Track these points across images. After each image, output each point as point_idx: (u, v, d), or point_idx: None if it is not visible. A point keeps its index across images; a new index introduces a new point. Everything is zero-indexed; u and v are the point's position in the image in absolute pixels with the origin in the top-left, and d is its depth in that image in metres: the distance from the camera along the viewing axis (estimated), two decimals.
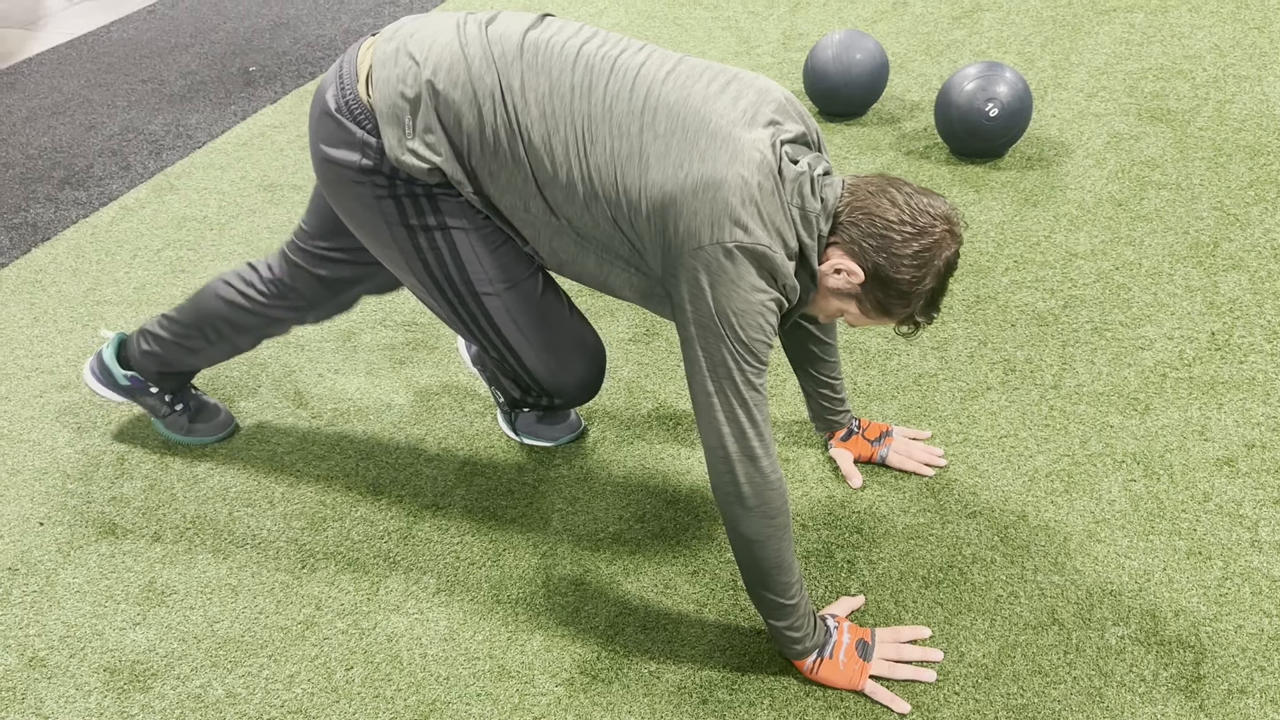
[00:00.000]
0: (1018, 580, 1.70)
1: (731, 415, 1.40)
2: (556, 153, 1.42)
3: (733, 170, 1.35)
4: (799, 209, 1.39)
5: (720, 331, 1.37)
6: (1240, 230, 2.47)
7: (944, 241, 1.40)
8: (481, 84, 1.43)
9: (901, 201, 1.40)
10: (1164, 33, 3.39)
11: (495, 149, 1.45)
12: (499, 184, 1.48)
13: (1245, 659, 1.56)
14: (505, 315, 1.62)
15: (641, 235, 1.42)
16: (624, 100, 1.41)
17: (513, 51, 1.44)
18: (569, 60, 1.44)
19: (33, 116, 3.50)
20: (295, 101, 3.49)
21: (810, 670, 1.55)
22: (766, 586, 1.48)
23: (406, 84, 1.45)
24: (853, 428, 1.93)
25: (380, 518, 1.90)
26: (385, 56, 1.48)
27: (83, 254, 2.73)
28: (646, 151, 1.39)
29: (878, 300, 1.44)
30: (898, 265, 1.40)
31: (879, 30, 3.61)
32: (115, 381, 2.03)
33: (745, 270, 1.35)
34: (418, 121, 1.45)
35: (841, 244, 1.42)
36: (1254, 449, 1.90)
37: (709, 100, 1.41)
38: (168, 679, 1.64)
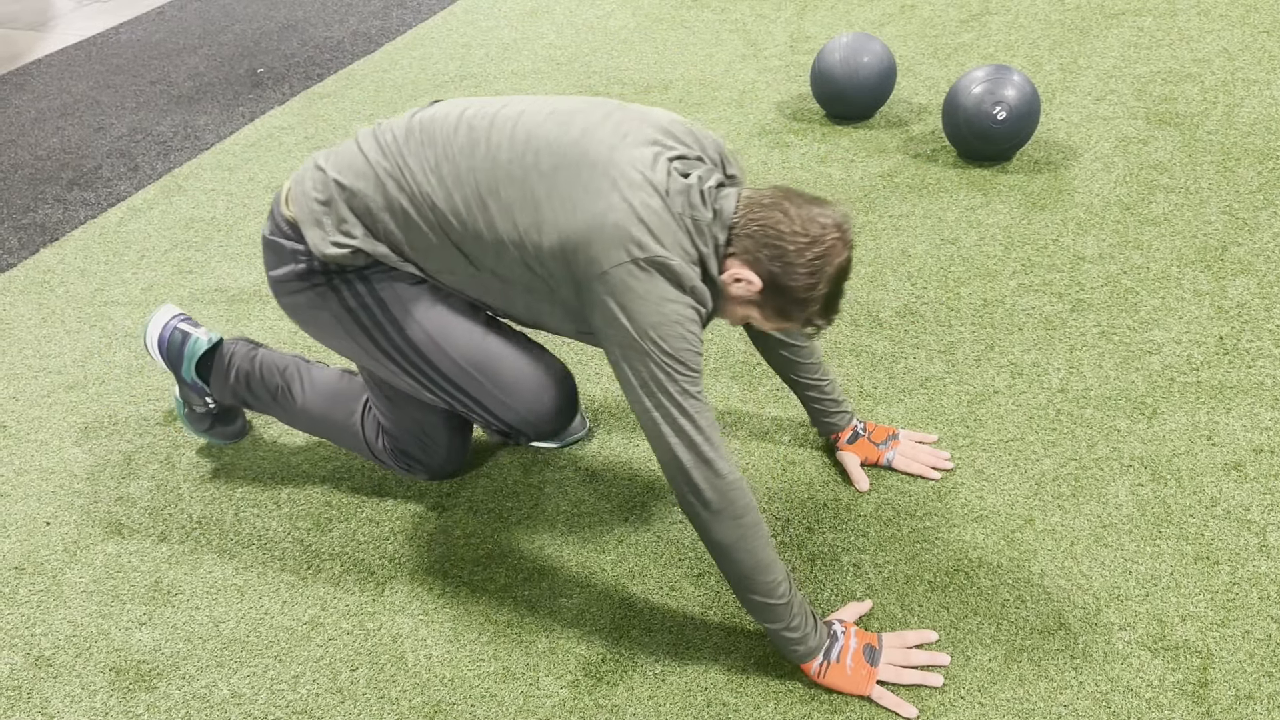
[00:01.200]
0: (1024, 584, 1.69)
1: (676, 427, 1.44)
2: (461, 213, 1.53)
3: (617, 194, 1.43)
4: (691, 219, 1.46)
5: (644, 348, 1.43)
6: (1249, 235, 2.46)
7: (835, 248, 1.46)
8: (380, 169, 1.58)
9: (794, 212, 1.47)
10: (1172, 36, 3.39)
11: (407, 222, 1.57)
12: (419, 251, 1.60)
13: (1253, 664, 1.55)
14: (457, 369, 1.68)
15: (552, 273, 1.50)
16: (506, 149, 1.51)
17: (401, 136, 1.60)
18: (451, 128, 1.57)
19: (41, 118, 3.52)
20: (303, 104, 3.50)
21: (817, 674, 1.55)
22: (753, 589, 1.49)
23: (317, 190, 1.61)
24: (858, 430, 1.93)
25: (386, 519, 1.90)
26: (298, 176, 1.66)
27: (91, 255, 2.74)
28: (535, 193, 1.48)
29: (777, 306, 1.51)
30: (792, 273, 1.46)
31: (886, 33, 3.60)
32: (176, 368, 1.99)
33: (651, 284, 1.42)
34: (333, 217, 1.60)
35: (739, 254, 1.49)
36: (1262, 454, 1.89)
37: (589, 131, 1.50)
38: (173, 679, 1.65)
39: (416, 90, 3.52)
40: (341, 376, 1.94)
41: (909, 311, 2.31)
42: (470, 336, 1.67)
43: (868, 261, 2.48)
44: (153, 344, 2.01)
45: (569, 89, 3.44)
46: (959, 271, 2.43)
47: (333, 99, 3.51)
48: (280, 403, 1.93)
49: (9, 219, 2.92)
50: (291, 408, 1.93)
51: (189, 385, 2.00)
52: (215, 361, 1.97)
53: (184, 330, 1.99)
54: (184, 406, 2.05)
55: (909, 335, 2.24)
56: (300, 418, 1.94)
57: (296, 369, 1.94)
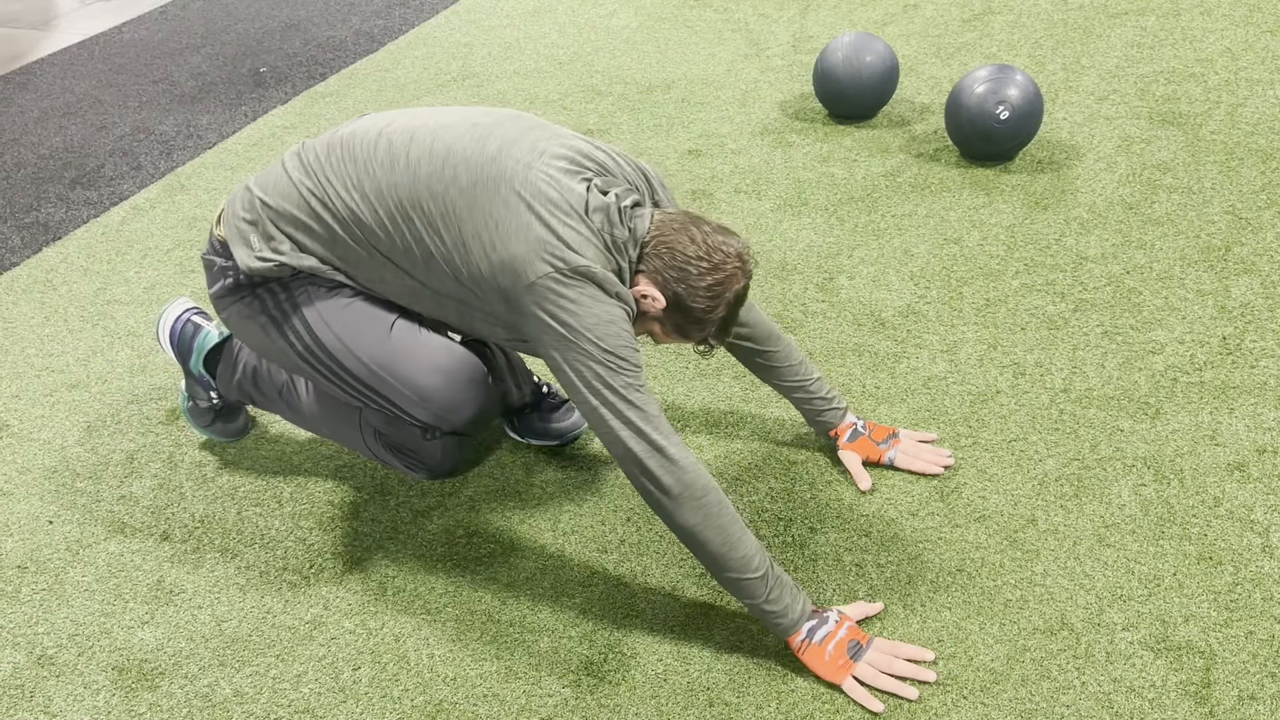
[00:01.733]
0: (1027, 584, 1.69)
1: (624, 419, 1.48)
2: (387, 226, 1.57)
3: (533, 216, 1.48)
4: (609, 235, 1.52)
5: (582, 348, 1.48)
6: (1252, 234, 2.46)
7: (735, 276, 1.55)
8: (303, 187, 1.63)
9: (700, 239, 1.54)
10: (1176, 36, 3.38)
11: (333, 238, 1.62)
12: (349, 264, 1.65)
13: (1256, 665, 1.55)
14: (365, 370, 1.71)
15: (481, 286, 1.54)
16: (425, 163, 1.56)
17: (323, 154, 1.64)
18: (371, 143, 1.61)
19: (44, 117, 3.52)
20: (305, 103, 3.50)
21: (799, 649, 1.57)
22: (726, 567, 1.51)
23: (245, 210, 1.68)
24: (858, 428, 1.92)
25: (388, 518, 1.90)
26: (231, 198, 1.73)
27: (93, 253, 2.74)
28: (456, 207, 1.53)
29: (677, 324, 1.59)
30: (694, 295, 1.54)
31: (889, 33, 3.60)
32: (186, 360, 2.01)
33: (579, 290, 1.47)
34: (259, 235, 1.66)
35: (647, 273, 1.56)
36: (1265, 454, 1.89)
37: (505, 148, 1.55)
38: (175, 678, 1.65)
39: (419, 89, 3.52)
40: None
41: (911, 311, 2.31)
42: (376, 336, 1.70)
43: (870, 261, 2.48)
44: (164, 335, 2.03)
45: (571, 89, 3.45)
46: (962, 271, 2.42)
47: (335, 98, 3.51)
48: (285, 399, 1.94)
49: (12, 218, 2.93)
50: (296, 405, 1.93)
51: (196, 379, 2.01)
52: (224, 356, 1.97)
53: (196, 323, 2.01)
54: (188, 401, 2.05)
55: (911, 335, 2.24)
56: (304, 415, 1.94)
57: None
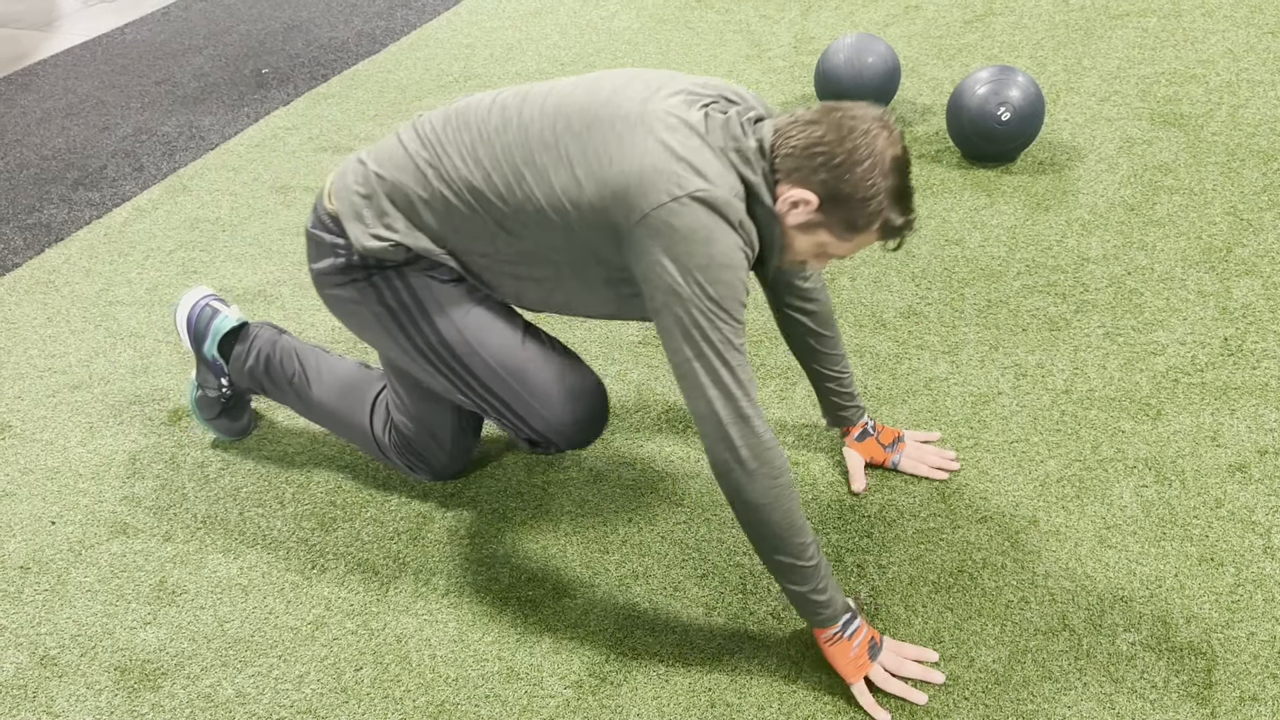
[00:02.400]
0: (1028, 585, 1.69)
1: (716, 378, 1.40)
2: (500, 190, 1.52)
3: (652, 139, 1.41)
4: (735, 150, 1.44)
5: (688, 293, 1.39)
6: (1253, 235, 2.46)
7: (876, 134, 1.41)
8: (419, 158, 1.58)
9: (826, 118, 1.44)
10: (1177, 37, 3.38)
11: (448, 210, 1.57)
12: (464, 236, 1.59)
13: (1258, 666, 1.55)
14: (491, 373, 1.68)
15: (595, 231, 1.47)
16: (538, 120, 1.52)
17: (439, 125, 1.60)
18: (485, 110, 1.57)
19: (47, 118, 3.52)
20: (308, 104, 3.50)
21: (828, 642, 1.52)
22: (782, 551, 1.46)
23: (359, 183, 1.62)
24: (868, 429, 1.91)
25: (390, 519, 1.91)
26: (341, 170, 1.67)
27: (95, 254, 2.75)
28: (569, 153, 1.47)
29: (844, 219, 1.45)
30: (842, 176, 1.41)
31: (891, 34, 3.60)
32: (200, 344, 2.01)
33: (695, 220, 1.38)
34: (373, 210, 1.60)
35: (785, 177, 1.45)
36: (1267, 455, 1.89)
37: (619, 90, 1.49)
38: (178, 678, 1.65)
39: (420, 91, 3.52)
40: (357, 369, 1.95)
41: (913, 312, 2.31)
42: (506, 341, 1.67)
43: (871, 262, 2.48)
44: (181, 319, 2.03)
45: None
46: (963, 272, 2.42)
47: (337, 99, 3.52)
48: (295, 389, 1.94)
49: (14, 219, 2.93)
50: (306, 395, 1.94)
51: (208, 364, 2.01)
52: (239, 341, 1.99)
53: (214, 307, 2.02)
54: (197, 390, 2.05)
55: (913, 336, 2.24)
56: (312, 406, 1.94)
57: (314, 358, 1.95)
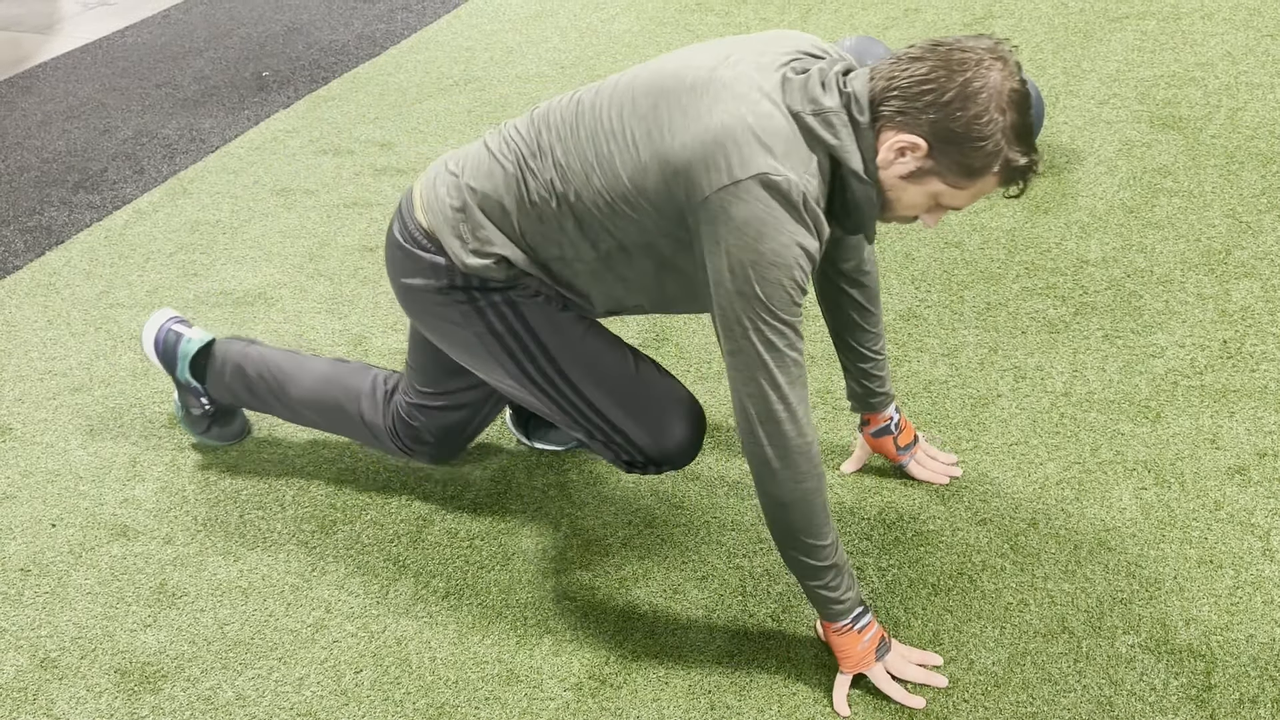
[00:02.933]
0: (1028, 588, 1.70)
1: (751, 376, 1.37)
2: (579, 188, 1.46)
3: (719, 110, 1.32)
4: (813, 113, 1.33)
5: (732, 288, 1.33)
6: (1252, 238, 2.46)
7: (988, 65, 1.29)
8: (505, 164, 1.52)
9: (928, 53, 1.31)
10: (1176, 40, 3.39)
11: (541, 216, 1.50)
12: (552, 244, 1.52)
13: (1256, 669, 1.55)
14: (603, 396, 1.61)
15: (665, 218, 1.40)
16: (606, 109, 1.45)
17: (522, 128, 1.54)
18: (562, 109, 1.52)
19: (47, 120, 3.53)
20: (308, 106, 3.50)
21: (836, 632, 1.52)
22: (795, 548, 1.46)
23: (451, 196, 1.55)
24: (891, 424, 1.85)
25: (390, 521, 1.91)
26: (429, 180, 1.60)
27: (96, 257, 2.75)
28: (634, 135, 1.40)
29: (957, 162, 1.32)
30: (951, 112, 1.29)
31: (891, 37, 3.61)
32: (172, 369, 2.00)
33: (750, 212, 1.30)
34: (469, 224, 1.54)
35: (889, 124, 1.33)
36: (1266, 458, 1.89)
37: (687, 61, 1.41)
38: (178, 681, 1.65)
39: (420, 94, 3.53)
40: (333, 364, 1.93)
41: (912, 315, 2.31)
42: (619, 364, 1.62)
43: None
44: (149, 347, 2.03)
45: None
46: (962, 275, 2.43)
47: (337, 102, 3.52)
48: (276, 394, 1.92)
49: (15, 221, 2.93)
50: (287, 399, 1.91)
51: (184, 386, 2.01)
52: (210, 360, 1.97)
53: (177, 331, 2.00)
54: (182, 410, 2.06)
55: (912, 338, 2.25)
56: (294, 406, 1.92)
57: (289, 360, 1.93)
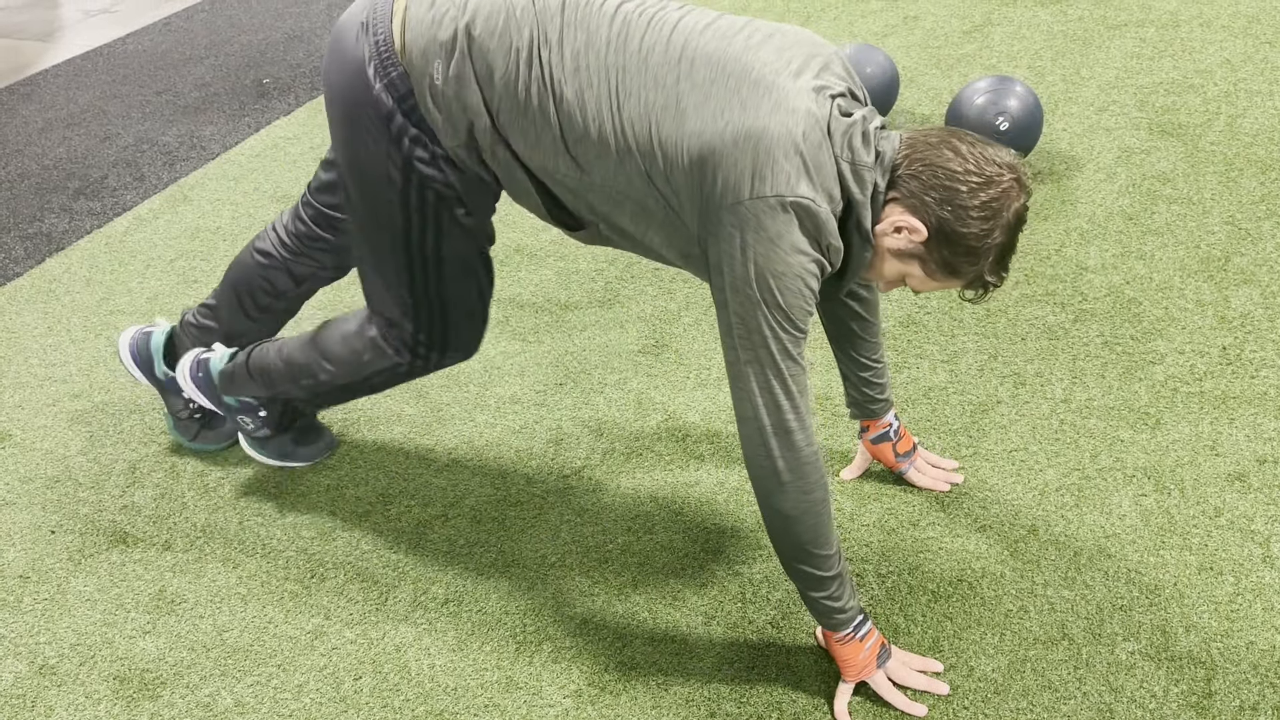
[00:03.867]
0: (1027, 595, 1.69)
1: (766, 386, 1.36)
2: (589, 108, 1.37)
3: (776, 119, 1.29)
4: (849, 163, 1.33)
5: (757, 296, 1.32)
6: (1252, 245, 2.46)
7: (1012, 191, 1.34)
8: (520, 35, 1.39)
9: (965, 151, 1.34)
10: (1175, 47, 3.39)
11: (525, 106, 1.40)
12: (528, 141, 1.42)
13: (1257, 675, 1.55)
14: (456, 280, 1.58)
15: (678, 191, 1.36)
16: (660, 52, 1.36)
17: (555, 5, 1.40)
18: (606, 15, 1.40)
19: (48, 127, 3.53)
20: (309, 113, 3.51)
21: (839, 642, 1.51)
22: (801, 560, 1.45)
23: (443, 27, 1.40)
24: (891, 431, 1.85)
25: (389, 528, 1.91)
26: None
27: (96, 264, 2.75)
28: (684, 102, 1.33)
29: (943, 259, 1.37)
30: (965, 219, 1.33)
31: (889, 44, 3.61)
32: (151, 371, 2.03)
33: (787, 228, 1.30)
34: (450, 68, 1.40)
35: (901, 199, 1.36)
36: (1265, 464, 1.89)
37: (750, 50, 1.36)
38: (177, 687, 1.65)
39: None
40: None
41: (912, 321, 2.32)
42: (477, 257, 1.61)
43: None
44: (127, 360, 2.07)
45: None
46: None
47: None
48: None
49: (15, 228, 2.94)
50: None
51: (166, 385, 2.03)
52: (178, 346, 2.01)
53: (145, 331, 2.05)
54: (170, 418, 2.08)
55: (912, 345, 2.25)
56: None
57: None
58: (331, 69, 1.50)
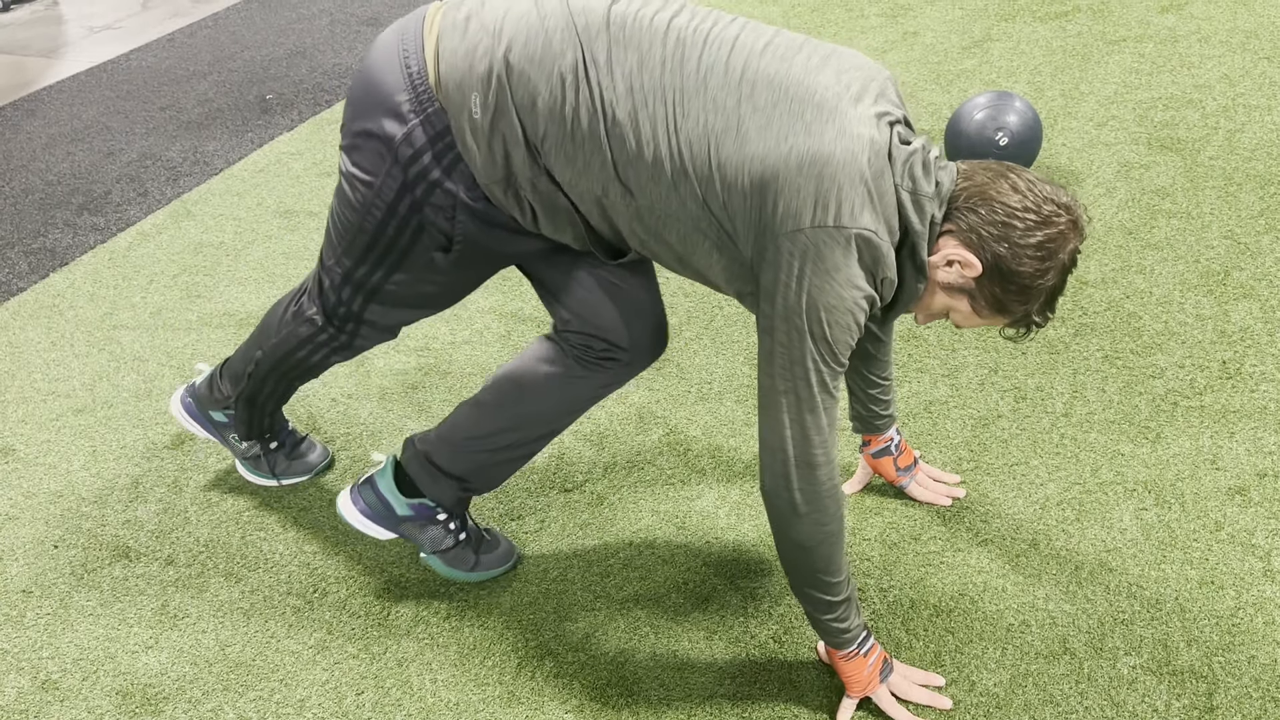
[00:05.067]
0: (1029, 609, 1.69)
1: (798, 418, 1.34)
2: (643, 130, 1.32)
3: (841, 146, 1.26)
4: (910, 192, 1.31)
5: (805, 328, 1.30)
6: (1251, 259, 2.47)
7: (1068, 234, 1.33)
8: (563, 58, 1.33)
9: (1024, 187, 1.32)
10: (1174, 62, 3.41)
11: (572, 131, 1.34)
12: (575, 168, 1.36)
13: (1258, 690, 1.55)
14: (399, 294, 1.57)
15: (734, 215, 1.32)
16: (719, 73, 1.32)
17: (598, 24, 1.34)
18: (659, 33, 1.34)
19: (52, 143, 3.55)
20: (312, 129, 3.52)
21: (843, 658, 1.51)
22: (812, 586, 1.45)
23: (478, 57, 1.34)
24: (892, 445, 1.86)
25: (392, 542, 1.91)
26: (454, 25, 1.38)
27: (100, 279, 2.76)
28: (745, 124, 1.29)
29: (994, 296, 1.36)
30: (1020, 257, 1.32)
31: (889, 60, 3.63)
32: (209, 418, 1.97)
33: (845, 260, 1.27)
34: (489, 99, 1.34)
35: (957, 232, 1.34)
36: (1266, 478, 1.90)
37: (811, 73, 1.32)
38: (179, 702, 1.65)
39: None
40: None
41: (913, 335, 2.32)
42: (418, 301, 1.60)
43: None
44: (185, 420, 1.99)
45: None
46: None
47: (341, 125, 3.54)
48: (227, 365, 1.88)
49: (19, 243, 2.95)
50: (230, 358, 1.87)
51: (221, 427, 1.97)
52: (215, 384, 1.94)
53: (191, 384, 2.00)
54: (247, 465, 2.02)
55: (912, 359, 2.25)
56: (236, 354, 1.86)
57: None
58: (361, 96, 1.44)
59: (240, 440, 1.97)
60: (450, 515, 1.76)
